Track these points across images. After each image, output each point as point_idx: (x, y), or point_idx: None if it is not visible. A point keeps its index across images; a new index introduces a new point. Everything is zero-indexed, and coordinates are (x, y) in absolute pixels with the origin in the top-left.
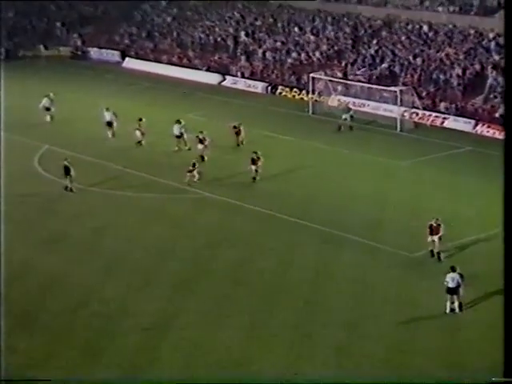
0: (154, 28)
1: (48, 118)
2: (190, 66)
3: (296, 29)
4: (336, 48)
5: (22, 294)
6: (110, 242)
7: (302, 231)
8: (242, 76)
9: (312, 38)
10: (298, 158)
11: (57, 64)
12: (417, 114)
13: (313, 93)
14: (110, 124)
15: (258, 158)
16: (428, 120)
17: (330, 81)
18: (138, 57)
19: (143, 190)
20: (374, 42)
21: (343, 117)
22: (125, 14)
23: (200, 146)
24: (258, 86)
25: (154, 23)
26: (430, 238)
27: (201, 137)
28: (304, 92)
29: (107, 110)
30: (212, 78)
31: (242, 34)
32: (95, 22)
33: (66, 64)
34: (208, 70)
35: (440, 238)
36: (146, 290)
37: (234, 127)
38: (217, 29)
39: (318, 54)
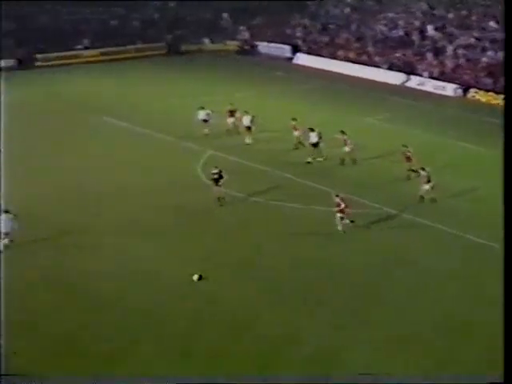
0: (330, 20)
1: (206, 131)
2: (370, 63)
3: (492, 23)
4: None
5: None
6: (272, 261)
7: (488, 254)
8: (430, 76)
9: None
10: (491, 174)
11: (222, 60)
12: None
13: None
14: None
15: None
16: None
17: None
18: (310, 52)
19: (312, 202)
20: None
21: None
22: (297, 3)
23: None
24: (447, 88)
25: (329, 14)
26: None
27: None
28: (502, 97)
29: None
30: (394, 78)
31: (430, 28)
32: (264, 12)
33: (231, 60)
34: (390, 68)
35: None
36: (317, 312)
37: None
38: (401, 21)
39: None
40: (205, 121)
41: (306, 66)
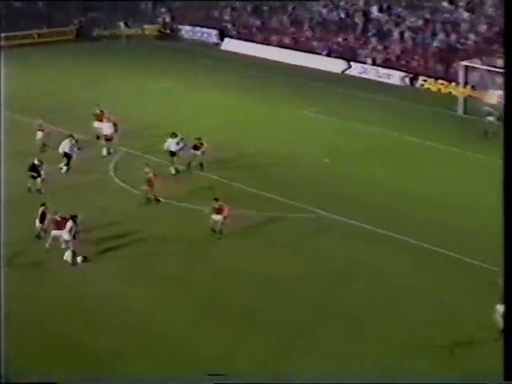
0: (262, 1)
1: (64, 169)
2: (307, 49)
3: (445, 3)
4: (497, 29)
5: None
6: (204, 277)
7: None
8: (373, 63)
9: (466, 15)
10: (444, 171)
11: (140, 46)
12: None
13: (465, 86)
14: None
15: None
16: None
17: (488, 71)
18: (240, 37)
19: (245, 206)
20: None
21: (488, 118)
22: None
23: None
24: (394, 76)
25: None
26: None
27: (198, 144)
28: (453, 85)
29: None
30: (334, 65)
31: (374, 9)
32: None
33: (151, 46)
34: (329, 54)
35: None
36: (251, 337)
37: None
38: (342, 2)
39: (472, 35)
40: (67, 155)
41: (235, 53)
